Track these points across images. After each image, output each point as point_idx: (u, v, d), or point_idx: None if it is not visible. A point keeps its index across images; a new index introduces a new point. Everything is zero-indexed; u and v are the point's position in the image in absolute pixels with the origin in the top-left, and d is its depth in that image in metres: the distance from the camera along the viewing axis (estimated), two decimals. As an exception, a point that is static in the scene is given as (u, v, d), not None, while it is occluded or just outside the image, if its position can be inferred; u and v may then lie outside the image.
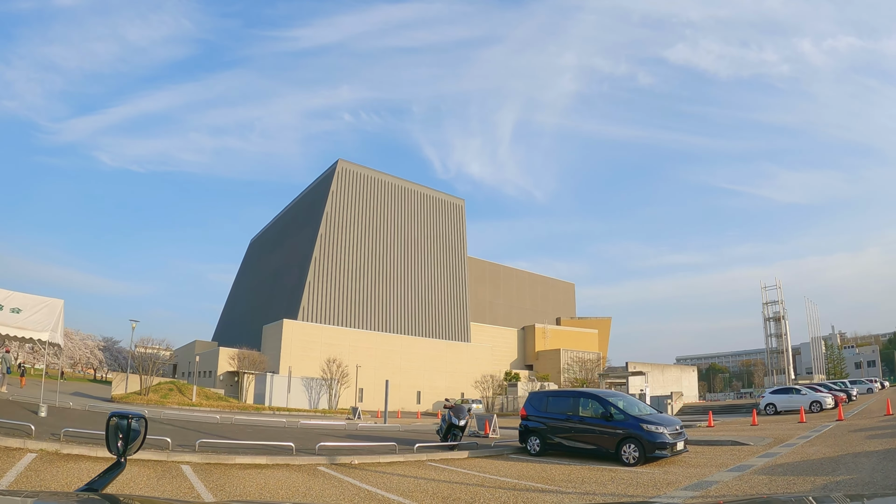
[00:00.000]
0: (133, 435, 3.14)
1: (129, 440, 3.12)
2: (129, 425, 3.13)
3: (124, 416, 3.17)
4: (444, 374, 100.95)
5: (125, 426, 3.13)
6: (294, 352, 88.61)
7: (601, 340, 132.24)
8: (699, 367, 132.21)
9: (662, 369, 74.78)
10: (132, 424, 3.14)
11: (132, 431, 3.13)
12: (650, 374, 67.55)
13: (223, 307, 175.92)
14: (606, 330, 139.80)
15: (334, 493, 12.36)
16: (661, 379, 70.01)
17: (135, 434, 3.15)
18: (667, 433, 18.43)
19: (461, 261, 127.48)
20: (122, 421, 3.14)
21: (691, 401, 68.31)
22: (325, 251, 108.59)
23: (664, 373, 73.31)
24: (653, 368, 71.41)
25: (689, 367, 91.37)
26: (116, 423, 3.15)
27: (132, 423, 3.15)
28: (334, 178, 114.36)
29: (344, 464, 17.00)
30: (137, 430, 3.17)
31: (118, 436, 3.12)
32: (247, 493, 12.13)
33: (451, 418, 23.40)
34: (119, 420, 3.15)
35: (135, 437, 3.15)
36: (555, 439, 21.31)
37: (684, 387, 72.36)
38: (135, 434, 3.15)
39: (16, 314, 24.38)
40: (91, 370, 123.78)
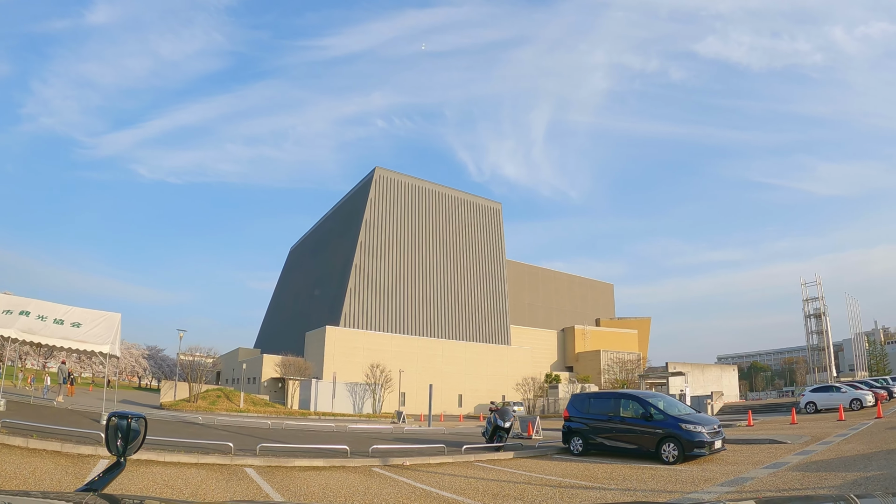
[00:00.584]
0: (133, 435, 3.22)
1: (129, 440, 3.20)
2: (128, 425, 3.22)
3: (124, 416, 3.25)
4: (485, 378, 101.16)
5: (125, 426, 3.21)
6: (337, 357, 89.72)
7: (641, 341, 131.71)
8: (740, 366, 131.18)
9: (703, 369, 74.70)
10: (132, 425, 3.22)
11: (132, 431, 3.22)
12: (690, 374, 67.62)
13: (264, 314, 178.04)
14: (646, 330, 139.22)
15: (392, 492, 13.21)
16: (702, 379, 69.98)
17: (134, 434, 3.23)
18: (705, 432, 19.02)
19: (500, 264, 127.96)
20: (122, 421, 3.22)
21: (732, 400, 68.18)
22: (366, 258, 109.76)
23: (704, 372, 73.24)
24: (693, 368, 71.41)
25: (729, 367, 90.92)
26: (116, 424, 3.22)
27: (132, 424, 3.23)
28: (372, 186, 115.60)
29: (396, 465, 17.93)
30: (137, 431, 3.25)
31: (118, 436, 3.20)
32: (310, 493, 12.87)
33: (496, 420, 24.23)
34: (119, 420, 3.23)
35: (134, 437, 3.23)
36: (597, 439, 21.99)
37: (725, 386, 72.18)
38: (134, 434, 3.23)
39: (76, 328, 25.74)
40: (136, 378, 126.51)
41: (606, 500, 12.69)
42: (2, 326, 24.58)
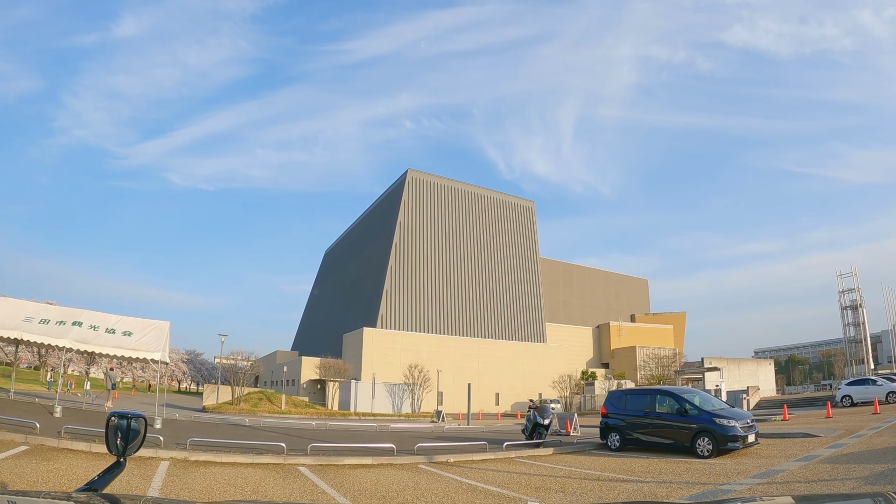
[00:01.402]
0: (133, 435, 3.26)
1: (129, 440, 3.24)
2: (128, 425, 3.25)
3: (124, 416, 3.28)
4: (521, 376, 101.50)
5: (125, 426, 3.24)
6: (374, 359, 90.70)
7: (676, 336, 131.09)
8: (778, 360, 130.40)
9: (738, 364, 74.54)
10: (132, 424, 3.26)
11: (132, 431, 3.25)
12: (726, 368, 67.62)
13: (301, 317, 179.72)
14: (681, 325, 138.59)
15: (440, 487, 13.99)
16: (738, 373, 69.90)
17: (134, 434, 3.26)
18: (738, 426, 19.56)
19: (534, 262, 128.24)
20: (122, 421, 3.25)
21: (768, 395, 67.92)
22: (401, 259, 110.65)
23: (740, 367, 73.11)
24: (728, 363, 71.36)
25: (765, 361, 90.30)
26: (116, 424, 3.26)
27: (132, 423, 3.26)
28: (405, 188, 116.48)
29: (441, 462, 18.73)
30: (137, 430, 3.28)
31: (118, 436, 3.24)
32: (363, 488, 13.58)
33: (535, 418, 24.94)
34: (119, 420, 3.26)
35: (134, 436, 3.26)
36: (634, 435, 22.61)
37: (761, 381, 71.86)
38: (134, 434, 3.26)
39: (128, 337, 26.84)
40: (175, 382, 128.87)
41: (644, 493, 13.37)
42: (57, 337, 25.75)
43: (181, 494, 11.93)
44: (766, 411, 42.78)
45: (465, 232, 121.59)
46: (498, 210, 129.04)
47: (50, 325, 26.40)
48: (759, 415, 36.96)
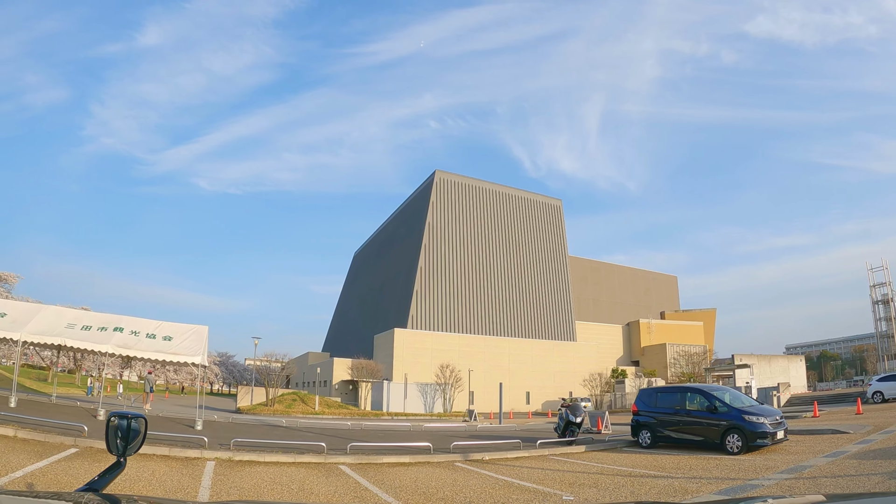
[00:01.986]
0: (133, 435, 3.26)
1: (129, 440, 3.24)
2: (129, 425, 3.25)
3: (124, 416, 3.28)
4: (551, 374, 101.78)
5: (125, 426, 3.24)
6: (405, 359, 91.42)
7: (707, 332, 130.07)
8: (809, 355, 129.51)
9: (769, 360, 74.34)
10: (132, 424, 3.26)
11: (132, 431, 3.25)
12: (757, 365, 67.48)
13: (331, 318, 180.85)
14: (712, 321, 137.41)
15: (477, 483, 14.54)
16: (768, 370, 69.77)
17: (134, 434, 3.26)
18: (767, 423, 19.96)
19: (563, 260, 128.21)
20: (122, 421, 3.25)
21: (799, 391, 67.79)
22: (430, 260, 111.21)
23: (771, 364, 72.93)
24: (759, 360, 71.19)
25: (795, 357, 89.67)
26: (117, 424, 3.26)
27: (132, 423, 3.26)
28: (433, 189, 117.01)
29: (477, 459, 19.30)
30: (137, 430, 3.28)
31: (118, 436, 3.24)
32: (403, 485, 14.14)
33: (568, 416, 25.40)
34: (119, 420, 3.26)
35: (134, 436, 3.26)
36: (664, 432, 23.06)
37: (792, 377, 71.65)
38: (134, 434, 3.26)
39: (168, 342, 27.63)
40: (208, 384, 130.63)
41: (674, 488, 13.82)
42: (99, 342, 26.62)
43: (231, 493, 12.50)
44: (796, 408, 42.75)
45: (493, 231, 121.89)
46: (526, 209, 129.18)
47: (92, 332, 27.27)
48: (790, 412, 37.07)
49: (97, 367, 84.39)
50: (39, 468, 13.14)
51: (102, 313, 30.33)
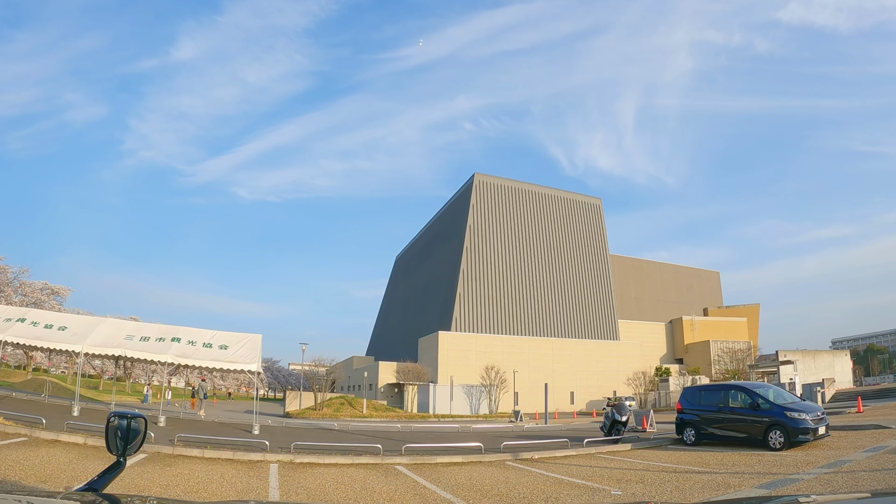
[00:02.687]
0: (133, 435, 3.27)
1: (129, 440, 3.25)
2: (128, 425, 3.25)
3: (124, 416, 3.29)
4: (595, 374, 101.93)
5: (125, 426, 3.25)
6: (450, 361, 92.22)
7: (751, 328, 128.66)
8: (856, 349, 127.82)
9: (814, 355, 73.82)
10: (132, 424, 3.26)
11: (132, 431, 3.26)
12: (801, 361, 67.15)
13: (374, 322, 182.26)
14: (755, 317, 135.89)
15: (528, 481, 15.31)
16: (813, 366, 69.32)
17: (134, 434, 3.27)
18: (809, 419, 20.40)
19: (604, 259, 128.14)
20: (122, 421, 3.26)
21: (844, 386, 67.14)
22: (472, 262, 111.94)
23: (815, 359, 72.43)
24: (804, 356, 70.81)
25: (840, 352, 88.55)
26: (116, 424, 3.26)
27: (132, 423, 3.27)
28: (472, 192, 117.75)
29: (526, 458, 20.06)
30: (137, 430, 3.29)
31: (118, 436, 3.25)
32: (458, 483, 14.85)
33: (613, 415, 26.06)
34: (119, 420, 3.27)
35: (134, 436, 3.27)
36: (708, 430, 23.58)
37: (837, 372, 71.05)
38: (134, 434, 3.27)
39: (224, 350, 28.82)
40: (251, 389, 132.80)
41: (718, 483, 14.47)
42: (159, 353, 27.93)
43: (299, 493, 13.29)
44: (841, 404, 42.73)
45: (534, 232, 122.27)
46: (565, 209, 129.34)
47: (150, 342, 28.57)
48: (834, 407, 37.23)
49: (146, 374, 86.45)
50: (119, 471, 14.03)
51: (159, 324, 31.66)
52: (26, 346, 32.39)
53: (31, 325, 29.18)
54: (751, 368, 71.61)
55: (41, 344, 29.67)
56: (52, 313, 36.09)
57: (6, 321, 29.25)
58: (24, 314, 31.01)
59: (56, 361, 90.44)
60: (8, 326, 28.64)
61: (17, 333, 28.49)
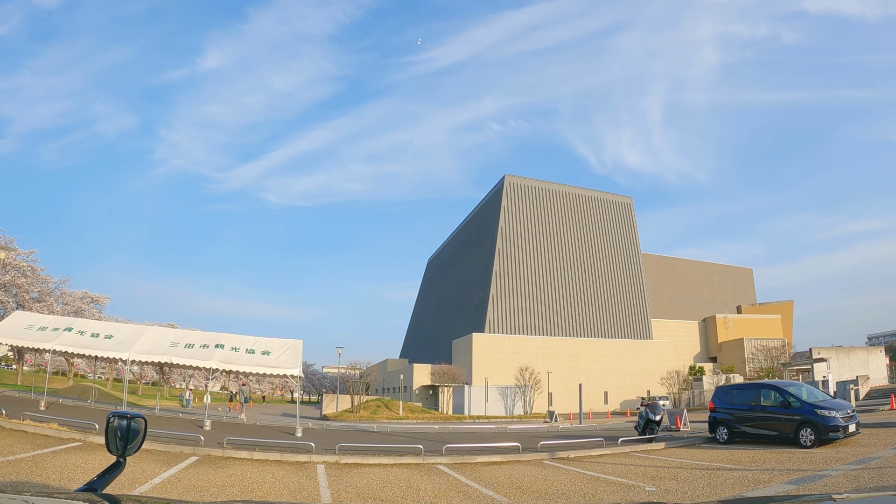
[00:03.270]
0: (133, 435, 3.25)
1: (129, 440, 3.24)
2: (128, 425, 3.25)
3: (123, 416, 3.28)
4: (628, 374, 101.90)
5: (125, 426, 3.24)
6: (484, 363, 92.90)
7: (785, 325, 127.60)
8: (893, 345, 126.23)
9: (848, 352, 73.23)
10: (132, 424, 3.26)
11: (132, 431, 3.25)
12: (835, 358, 66.65)
13: (408, 325, 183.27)
14: (789, 314, 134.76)
15: (565, 478, 16.00)
16: (847, 363, 68.85)
17: (134, 434, 3.26)
18: (839, 417, 20.78)
19: (635, 258, 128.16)
20: (122, 421, 3.25)
21: (879, 383, 66.50)
22: (504, 264, 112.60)
23: (850, 356, 71.85)
24: (838, 352, 70.29)
25: (875, 349, 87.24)
26: (116, 424, 3.25)
27: (132, 423, 3.26)
28: (503, 194, 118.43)
29: (563, 457, 20.74)
30: (137, 430, 3.28)
31: (118, 436, 3.23)
32: (499, 482, 15.51)
33: (647, 414, 26.68)
34: (119, 420, 3.26)
35: (134, 436, 3.26)
36: (741, 428, 24.04)
37: (872, 369, 70.42)
38: (134, 434, 3.26)
39: (267, 356, 29.83)
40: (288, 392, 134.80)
41: (748, 479, 15.05)
42: (204, 359, 29.00)
43: (349, 492, 14.04)
44: (874, 401, 42.67)
45: (565, 233, 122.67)
46: (596, 208, 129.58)
47: (195, 349, 29.68)
48: (868, 405, 37.36)
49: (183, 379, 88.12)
50: (173, 474, 15.04)
51: (202, 331, 32.86)
52: (75, 355, 33.67)
53: (77, 334, 30.44)
54: (784, 367, 71.36)
55: (89, 352, 30.93)
56: (97, 322, 37.47)
57: (53, 330, 30.55)
58: (71, 324, 32.31)
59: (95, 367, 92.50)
60: (55, 336, 29.92)
61: (66, 342, 29.78)
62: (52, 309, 61.47)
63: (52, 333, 30.21)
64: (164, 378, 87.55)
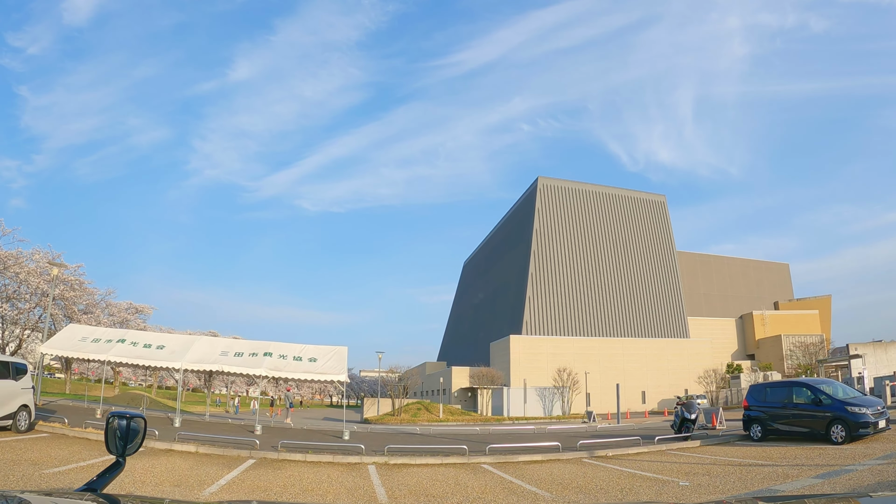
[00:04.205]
0: (132, 435, 3.28)
1: (129, 440, 3.27)
2: (128, 425, 3.27)
3: (123, 416, 3.30)
4: (666, 373, 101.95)
5: (124, 426, 3.26)
6: (522, 364, 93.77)
7: (823, 321, 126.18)
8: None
9: (885, 347, 72.57)
10: (132, 424, 3.28)
11: (132, 431, 3.27)
12: (872, 353, 66.20)
13: (445, 328, 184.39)
14: (827, 309, 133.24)
15: (604, 475, 16.94)
16: (885, 358, 68.32)
17: (133, 434, 3.28)
18: (869, 413, 21.44)
19: (671, 257, 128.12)
20: (122, 421, 3.27)
21: (920, 378, 66.50)
22: (540, 266, 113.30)
23: (888, 351, 71.28)
24: (875, 348, 69.76)
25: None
26: (116, 424, 3.27)
27: (132, 423, 3.28)
28: (537, 196, 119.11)
29: (601, 455, 21.66)
30: (136, 430, 3.30)
31: (117, 436, 3.26)
32: (540, 479, 16.41)
33: (683, 413, 27.51)
34: (119, 420, 3.28)
35: (133, 436, 3.28)
36: (774, 425, 24.69)
37: (910, 364, 70.30)
38: (133, 434, 3.28)
39: (313, 363, 31.07)
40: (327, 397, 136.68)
41: (778, 474, 15.85)
42: (253, 367, 30.34)
43: (401, 490, 14.89)
44: (912, 397, 42.68)
45: (599, 233, 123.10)
46: (630, 208, 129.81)
47: (244, 358, 31.09)
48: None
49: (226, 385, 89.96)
50: (236, 476, 16.15)
51: (250, 341, 34.24)
52: (130, 365, 35.19)
53: (130, 345, 32.05)
54: (819, 364, 71.08)
55: (143, 362, 32.46)
56: (147, 333, 39.10)
57: (107, 342, 32.16)
58: (123, 335, 33.96)
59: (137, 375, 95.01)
60: (109, 347, 31.52)
61: (120, 353, 31.38)
62: (98, 320, 63.39)
63: (105, 345, 31.76)
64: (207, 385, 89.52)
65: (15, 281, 53.51)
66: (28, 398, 22.25)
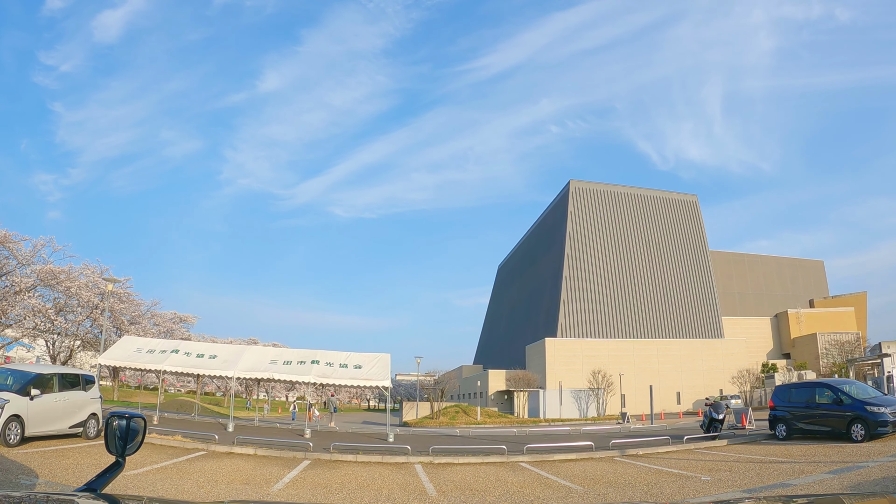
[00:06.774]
0: (132, 435, 3.36)
1: (129, 440, 3.35)
2: (128, 425, 3.35)
3: (123, 416, 3.39)
4: (700, 373, 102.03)
5: (124, 426, 3.35)
6: (557, 367, 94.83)
7: (859, 318, 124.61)
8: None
9: (918, 345, 73.18)
10: (132, 424, 3.36)
11: (131, 431, 3.36)
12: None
13: (480, 331, 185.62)
14: (863, 306, 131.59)
15: (633, 472, 18.38)
16: (918, 356, 68.73)
17: (133, 434, 3.37)
18: (888, 412, 22.46)
19: (704, 256, 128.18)
20: (122, 421, 3.36)
21: (954, 376, 66.47)
22: (574, 269, 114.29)
23: (920, 348, 71.76)
24: (906, 345, 70.18)
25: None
26: (116, 424, 3.36)
27: (132, 424, 3.36)
28: (569, 199, 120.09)
29: (632, 454, 23.05)
30: (136, 430, 3.39)
31: (117, 436, 3.34)
32: (574, 475, 17.76)
33: (711, 413, 28.88)
34: (119, 420, 3.37)
35: (133, 436, 3.37)
36: (798, 425, 25.85)
37: (944, 361, 70.22)
38: (133, 434, 3.37)
39: (359, 370, 32.77)
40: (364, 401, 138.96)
41: (795, 470, 17.16)
42: (301, 374, 32.18)
43: (448, 486, 16.26)
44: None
45: (632, 234, 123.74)
46: (662, 208, 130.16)
47: (293, 366, 32.90)
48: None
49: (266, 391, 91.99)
50: (297, 475, 17.68)
51: (297, 349, 36.11)
52: (186, 374, 37.20)
53: (184, 355, 34.08)
54: (849, 363, 71.02)
55: (199, 371, 34.51)
56: (199, 343, 41.21)
57: (161, 353, 34.23)
58: (176, 346, 36.15)
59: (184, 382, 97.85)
60: (164, 358, 33.53)
61: (175, 363, 33.43)
62: (146, 330, 65.79)
63: (160, 356, 33.74)
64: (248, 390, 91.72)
65: (65, 294, 55.73)
66: (97, 407, 23.68)
